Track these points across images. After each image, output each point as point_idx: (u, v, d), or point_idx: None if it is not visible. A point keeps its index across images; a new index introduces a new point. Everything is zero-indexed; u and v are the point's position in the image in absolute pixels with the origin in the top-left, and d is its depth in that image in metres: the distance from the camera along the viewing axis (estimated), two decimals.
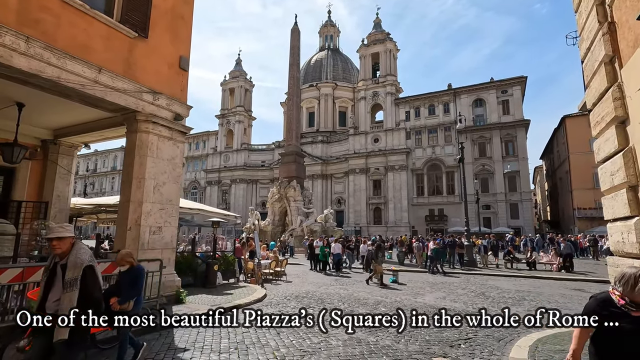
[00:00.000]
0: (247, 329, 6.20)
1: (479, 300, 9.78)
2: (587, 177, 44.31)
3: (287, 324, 6.10)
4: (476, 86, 53.55)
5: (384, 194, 56.79)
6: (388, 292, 11.02)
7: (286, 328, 6.41)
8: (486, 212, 48.11)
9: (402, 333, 6.27)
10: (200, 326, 6.25)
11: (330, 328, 6.40)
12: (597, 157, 4.71)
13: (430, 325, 6.82)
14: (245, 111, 76.01)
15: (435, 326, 6.69)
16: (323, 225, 35.33)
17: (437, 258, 16.86)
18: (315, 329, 6.39)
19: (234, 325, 6.35)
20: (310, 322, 6.73)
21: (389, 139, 57.65)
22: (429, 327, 6.70)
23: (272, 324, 3.67)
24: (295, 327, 6.54)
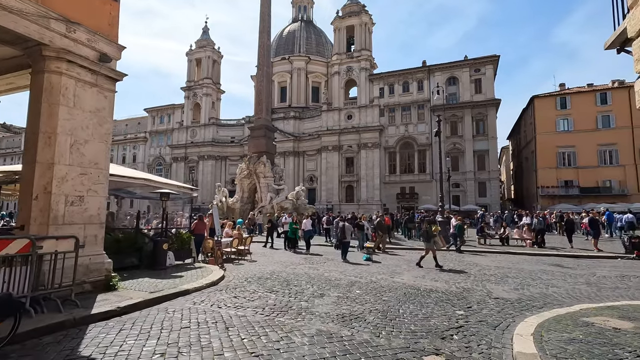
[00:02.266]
0: (186, 325, 4.87)
1: (460, 279, 8.96)
2: (551, 157, 45.65)
3: (240, 314, 4.82)
4: (450, 64, 53.03)
5: (357, 171, 56.12)
6: (362, 271, 9.99)
7: (238, 320, 5.12)
8: (456, 190, 48.67)
9: (383, 322, 5.16)
10: (125, 322, 4.84)
11: (294, 320, 5.19)
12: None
13: (415, 310, 6.07)
14: (214, 84, 71.88)
15: (422, 313, 5.70)
16: (294, 202, 34.08)
17: (460, 234, 16.14)
18: (278, 321, 5.15)
19: (173, 318, 5.01)
20: (270, 312, 5.50)
21: (363, 116, 56.49)
22: (414, 314, 5.66)
23: (217, 318, 2.35)
24: (249, 318, 5.26)
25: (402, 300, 6.54)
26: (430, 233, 11.19)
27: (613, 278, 9.31)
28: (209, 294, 6.82)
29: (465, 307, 6.18)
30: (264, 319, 5.20)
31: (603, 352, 4.09)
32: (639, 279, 9.17)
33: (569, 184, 44.89)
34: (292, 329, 4.72)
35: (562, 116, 46.24)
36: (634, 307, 6.19)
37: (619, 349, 4.19)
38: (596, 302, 6.67)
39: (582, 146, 44.38)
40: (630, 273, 10.03)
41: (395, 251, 15.59)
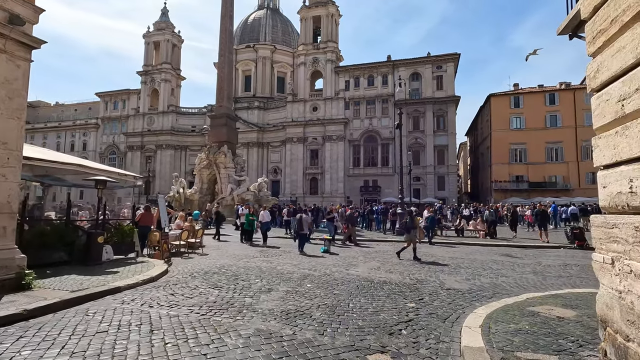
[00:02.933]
0: (104, 329, 4.24)
1: (415, 269, 8.91)
2: (504, 152, 48.12)
3: (173, 314, 4.28)
4: (414, 60, 54.01)
5: (321, 164, 55.99)
6: (317, 263, 9.68)
7: (168, 322, 4.56)
8: (416, 184, 49.97)
9: (330, 318, 4.83)
10: (30, 327, 4.12)
11: (232, 319, 4.72)
12: (594, 82, 3.47)
13: (365, 304, 5.85)
14: (173, 69, 68.34)
15: (372, 307, 5.43)
16: (256, 194, 33.25)
17: (432, 227, 16.10)
18: (214, 320, 4.65)
19: (91, 320, 4.34)
20: (208, 311, 4.98)
21: (328, 108, 56.27)
22: (364, 309, 5.39)
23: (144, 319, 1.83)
24: (182, 318, 4.71)
25: (354, 293, 6.27)
26: (411, 225, 11.08)
27: (557, 267, 9.70)
28: (144, 292, 6.15)
29: (417, 299, 6.03)
30: (198, 318, 4.67)
31: (548, 342, 4.02)
32: (580, 268, 9.61)
33: (519, 179, 47.57)
34: (227, 330, 4.24)
35: (515, 114, 48.73)
36: (576, 295, 6.35)
37: (563, 338, 4.15)
38: (542, 291, 6.80)
39: (532, 143, 47.11)
40: (572, 262, 10.54)
41: (367, 243, 15.45)
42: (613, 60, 3.14)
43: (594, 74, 3.47)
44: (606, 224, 3.29)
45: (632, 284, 2.89)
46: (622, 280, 3.03)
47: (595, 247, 3.53)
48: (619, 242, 3.08)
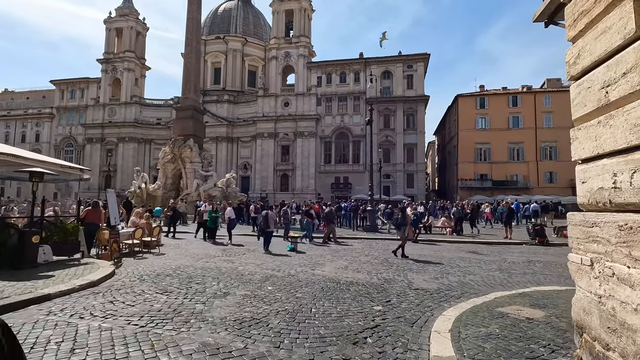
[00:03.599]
0: None
1: (383, 268, 8.63)
2: (470, 152, 49.65)
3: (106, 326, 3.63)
4: (386, 58, 54.44)
5: (292, 160, 55.32)
6: (282, 263, 9.17)
7: (97, 336, 3.90)
8: (386, 181, 50.56)
9: (289, 327, 4.36)
10: None
11: (176, 332, 4.13)
12: (573, 69, 3.20)
13: (329, 309, 5.27)
14: (137, 58, 64.93)
15: (336, 311, 5.02)
16: (224, 190, 32.18)
17: (416, 225, 15.38)
18: (154, 333, 4.04)
19: None
20: (149, 321, 4.36)
21: (300, 104, 55.60)
22: (327, 314, 4.96)
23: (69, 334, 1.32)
24: (116, 332, 4.06)
25: (318, 296, 5.84)
26: (403, 222, 10.71)
27: (521, 264, 9.79)
28: (78, 299, 5.40)
29: (384, 301, 5.69)
30: (135, 331, 4.05)
31: (520, 348, 3.78)
32: (543, 264, 9.75)
33: (484, 177, 49.26)
34: (167, 345, 3.67)
35: (480, 115, 50.35)
36: (542, 293, 6.28)
37: (534, 343, 3.93)
38: (509, 290, 6.70)
39: (496, 143, 48.90)
40: (535, 258, 10.71)
41: (347, 241, 15.01)
42: (596, 43, 2.87)
43: (574, 60, 3.20)
44: (585, 222, 3.03)
45: (613, 289, 2.63)
46: (602, 284, 2.77)
47: (572, 247, 3.29)
48: (599, 242, 2.83)
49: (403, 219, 10.92)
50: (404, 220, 10.87)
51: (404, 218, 10.97)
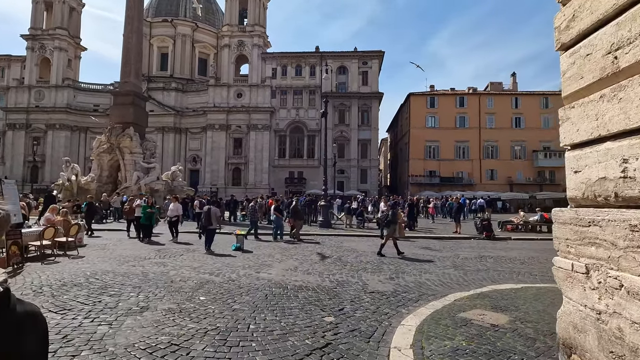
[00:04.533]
0: None
1: (336, 269, 7.97)
2: (420, 149, 51.27)
3: None
4: (341, 53, 54.28)
5: (245, 153, 53.33)
6: (224, 265, 8.15)
7: None
8: (340, 176, 50.63)
9: (217, 354, 3.45)
10: None
11: None
12: (565, 35, 2.65)
13: (271, 324, 4.05)
14: (71, 37, 58.42)
15: (280, 327, 4.18)
16: (169, 183, 29.89)
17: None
18: None
19: None
20: None
21: (254, 96, 53.64)
22: (269, 331, 4.11)
23: None
24: None
25: (260, 307, 4.97)
26: (392, 219, 10.12)
27: (474, 259, 9.69)
28: None
29: (336, 310, 4.98)
30: None
31: None
32: (493, 259, 9.73)
33: (432, 174, 51.15)
34: None
35: (430, 114, 52.13)
36: (499, 293, 5.98)
37: (507, 358, 3.43)
38: (466, 289, 6.35)
39: (444, 141, 50.99)
40: (486, 253, 10.73)
41: (313, 237, 14.12)
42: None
43: (567, 23, 2.63)
44: (578, 220, 2.49)
45: (621, 304, 2.08)
46: (603, 297, 2.23)
47: (559, 250, 2.76)
48: (599, 245, 2.28)
49: (394, 216, 10.31)
50: (395, 218, 10.29)
51: (395, 215, 10.37)
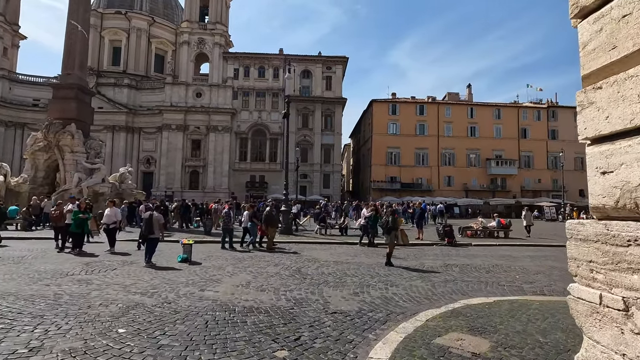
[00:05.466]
0: None
1: (294, 283, 7.12)
2: (382, 155, 51.95)
3: None
4: (306, 57, 53.84)
5: (204, 156, 50.98)
6: (163, 282, 6.96)
7: None
8: (303, 181, 49.89)
9: None
10: None
11: None
12: None
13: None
14: (7, 23, 52.99)
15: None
16: (116, 186, 27.41)
17: (374, 227, 13.92)
18: None
19: None
20: None
21: (214, 96, 51.56)
22: None
23: None
24: None
25: (196, 340, 3.99)
26: (392, 225, 9.52)
27: (439, 269, 9.27)
28: None
29: (292, 339, 4.13)
30: None
31: None
32: (459, 268, 9.37)
33: (393, 180, 51.93)
34: None
35: (392, 120, 53.07)
36: (473, 309, 5.45)
37: None
38: (436, 305, 5.78)
39: (405, 148, 52.07)
40: (450, 262, 10.40)
41: (292, 245, 12.81)
42: None
43: None
44: (610, 237, 1.86)
45: None
46: None
47: (577, 275, 2.13)
48: None
49: (394, 222, 9.73)
50: (395, 224, 9.72)
51: (395, 222, 9.80)
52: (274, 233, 12.79)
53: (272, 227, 12.61)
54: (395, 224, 9.79)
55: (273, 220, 12.79)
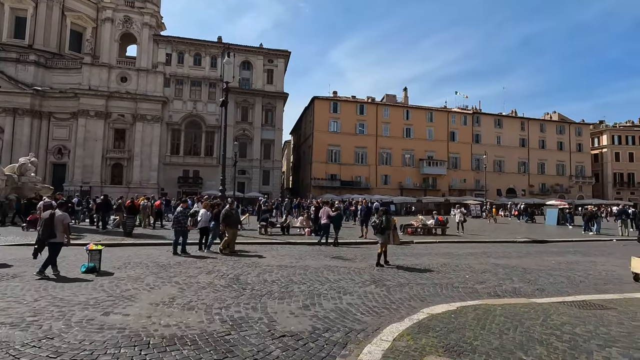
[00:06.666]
0: None
1: (230, 296, 5.93)
2: (323, 152, 51.88)
3: None
4: (246, 47, 51.48)
5: (129, 147, 46.01)
6: (52, 303, 5.25)
7: None
8: (242, 177, 47.72)
9: None
10: None
11: None
12: None
13: None
14: None
15: None
16: (14, 180, 23.18)
17: (339, 226, 13.83)
18: None
19: None
20: None
21: (142, 82, 46.76)
22: None
23: None
24: None
25: None
26: (387, 225, 9.25)
27: (390, 270, 8.73)
28: None
29: None
30: None
31: None
32: (410, 269, 8.96)
33: (333, 177, 52.17)
34: None
35: (333, 118, 53.26)
36: (440, 320, 4.84)
37: None
38: (398, 315, 5.10)
39: (345, 146, 52.63)
40: (399, 262, 9.94)
41: (189, 248, 11.04)
42: None
43: None
44: None
45: None
46: None
47: None
48: None
49: (387, 222, 9.34)
50: (389, 224, 9.38)
51: (389, 222, 9.41)
52: (235, 234, 11.37)
53: (231, 227, 11.20)
54: (389, 223, 9.50)
55: (233, 219, 11.37)
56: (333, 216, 13.68)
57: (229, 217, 11.13)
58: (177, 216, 10.65)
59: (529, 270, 9.24)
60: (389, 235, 9.57)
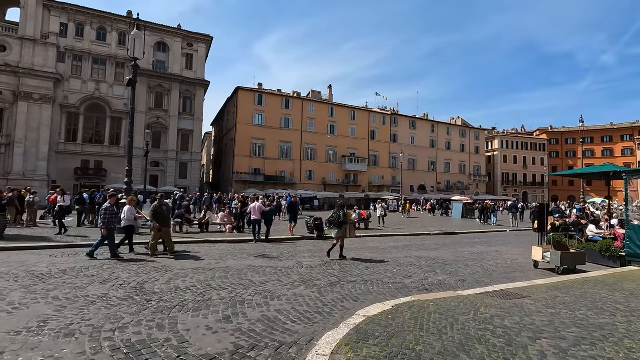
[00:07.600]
0: None
1: (129, 312, 4.75)
2: (247, 146, 49.98)
3: None
4: (163, 27, 46.71)
5: (9, 132, 38.30)
6: None
7: None
8: (155, 170, 43.45)
9: None
10: None
11: None
12: None
13: None
14: None
15: None
16: None
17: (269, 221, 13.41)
18: None
19: None
20: None
21: (28, 54, 39.24)
22: None
23: None
24: None
25: None
26: (344, 220, 9.60)
27: (320, 268, 8.27)
28: None
29: None
30: None
31: None
32: (339, 267, 8.62)
33: (257, 172, 50.69)
34: None
35: (258, 111, 51.63)
36: (376, 323, 4.45)
37: None
38: (333, 322, 4.59)
39: (270, 140, 51.48)
40: (327, 259, 9.61)
41: (84, 249, 8.95)
42: None
43: None
44: None
45: None
46: None
47: None
48: None
49: (345, 216, 9.69)
50: (346, 219, 9.72)
51: (346, 216, 9.78)
52: (168, 233, 9.82)
53: (165, 225, 9.72)
54: (346, 218, 9.83)
55: (164, 217, 9.78)
56: (266, 211, 13.24)
57: (158, 214, 9.65)
58: (104, 214, 8.74)
59: (448, 262, 9.67)
60: (346, 229, 9.79)
